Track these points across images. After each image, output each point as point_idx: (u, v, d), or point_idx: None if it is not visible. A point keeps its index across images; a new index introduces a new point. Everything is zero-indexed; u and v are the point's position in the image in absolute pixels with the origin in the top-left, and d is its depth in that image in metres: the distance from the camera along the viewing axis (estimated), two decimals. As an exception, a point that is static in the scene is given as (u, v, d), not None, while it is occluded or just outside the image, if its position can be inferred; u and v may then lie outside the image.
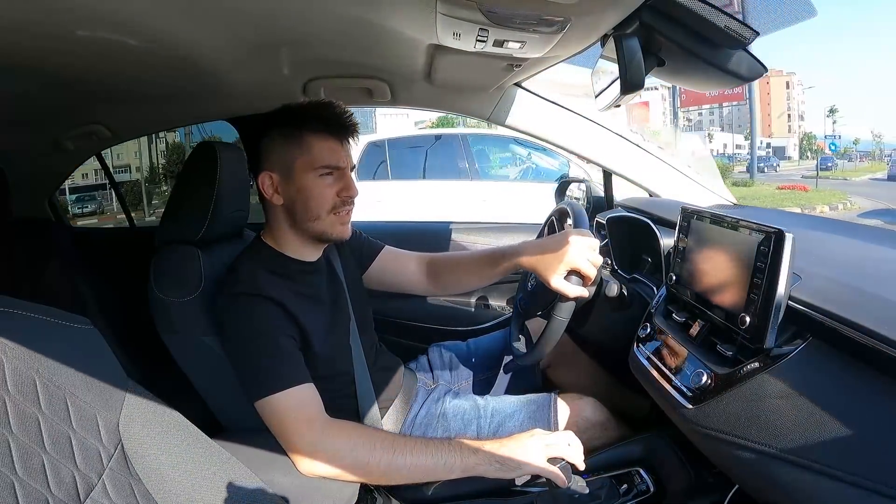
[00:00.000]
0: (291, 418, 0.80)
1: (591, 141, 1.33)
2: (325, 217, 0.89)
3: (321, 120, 0.89)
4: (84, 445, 0.54)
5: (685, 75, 0.95)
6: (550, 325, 0.94)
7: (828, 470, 0.51)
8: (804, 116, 63.17)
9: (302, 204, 0.89)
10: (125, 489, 0.56)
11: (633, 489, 0.89)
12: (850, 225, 1.10)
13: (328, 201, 0.89)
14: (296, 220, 0.91)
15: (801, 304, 0.60)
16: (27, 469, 0.48)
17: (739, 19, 0.76)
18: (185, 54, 0.93)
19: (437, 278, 1.12)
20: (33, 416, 0.51)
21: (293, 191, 0.89)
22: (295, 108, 0.91)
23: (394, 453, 0.80)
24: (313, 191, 0.88)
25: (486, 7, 0.69)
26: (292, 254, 0.94)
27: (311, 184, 0.88)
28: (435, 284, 1.13)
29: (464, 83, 1.21)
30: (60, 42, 0.81)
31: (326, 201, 0.89)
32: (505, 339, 1.25)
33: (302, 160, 0.88)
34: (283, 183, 0.89)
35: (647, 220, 1.08)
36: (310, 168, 0.88)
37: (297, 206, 0.89)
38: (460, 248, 1.65)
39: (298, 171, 0.88)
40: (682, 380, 0.73)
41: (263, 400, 0.80)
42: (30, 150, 1.50)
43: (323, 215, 0.89)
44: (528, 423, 0.97)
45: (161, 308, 0.91)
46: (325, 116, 0.89)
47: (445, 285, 1.13)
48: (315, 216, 0.89)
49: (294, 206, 0.89)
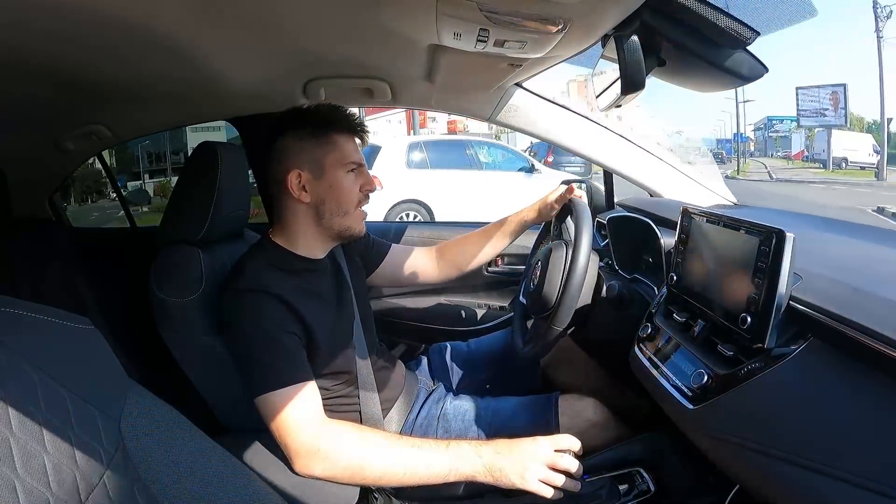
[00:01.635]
0: (287, 416, 0.80)
1: (591, 140, 1.33)
2: (352, 212, 0.94)
3: (344, 121, 0.94)
4: (85, 445, 0.54)
5: (686, 75, 0.95)
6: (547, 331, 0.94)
7: (828, 470, 0.51)
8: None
9: (333, 200, 0.92)
10: (126, 489, 0.56)
11: (633, 489, 0.89)
12: (851, 225, 1.10)
13: (356, 196, 0.94)
14: (323, 216, 0.92)
15: (801, 304, 0.60)
16: (28, 469, 0.48)
17: (740, 19, 0.76)
18: (186, 55, 0.93)
19: (448, 260, 1.19)
20: (34, 416, 0.51)
21: (324, 187, 0.91)
22: (318, 110, 0.94)
23: (391, 457, 0.80)
24: (344, 186, 0.92)
25: (486, 7, 0.68)
26: (302, 251, 0.94)
27: (342, 180, 0.92)
28: (448, 266, 1.19)
29: (464, 83, 1.21)
30: (61, 42, 0.81)
31: (354, 196, 0.93)
32: (506, 340, 1.25)
33: (332, 157, 0.91)
34: (312, 180, 0.91)
35: (647, 219, 1.08)
36: (340, 164, 0.92)
37: (328, 202, 0.92)
38: None
39: (330, 168, 0.91)
40: (683, 380, 0.73)
41: (262, 397, 0.80)
42: (30, 149, 1.50)
43: (351, 210, 0.93)
44: (530, 424, 0.97)
45: (161, 308, 0.91)
46: (348, 119, 0.94)
47: (458, 263, 1.19)
48: (344, 211, 0.93)
49: (324, 203, 0.92)
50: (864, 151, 20.65)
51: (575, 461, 0.83)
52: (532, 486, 0.80)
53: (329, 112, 0.94)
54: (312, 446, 0.79)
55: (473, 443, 0.84)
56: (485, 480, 0.80)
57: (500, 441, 0.84)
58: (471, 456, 0.81)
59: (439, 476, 0.80)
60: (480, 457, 0.81)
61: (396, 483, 0.81)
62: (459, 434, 0.99)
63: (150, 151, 9.23)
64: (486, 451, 0.81)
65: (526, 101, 1.31)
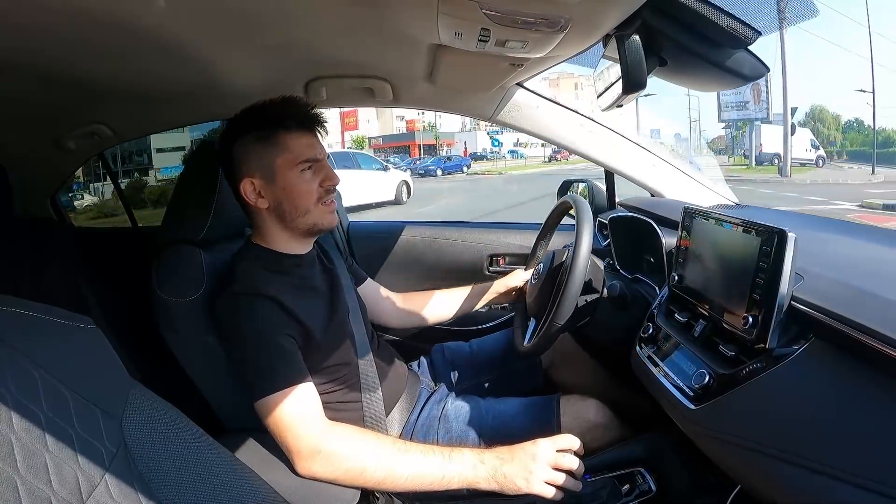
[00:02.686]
0: (288, 418, 0.79)
1: (592, 140, 1.33)
2: (313, 209, 0.91)
3: (292, 117, 0.89)
4: (86, 444, 0.54)
5: (687, 75, 0.95)
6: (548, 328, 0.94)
7: (829, 470, 0.51)
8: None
9: (290, 202, 0.89)
10: (128, 488, 0.56)
11: (635, 489, 0.89)
12: (852, 225, 1.10)
13: (313, 194, 0.90)
14: (285, 218, 0.91)
15: (803, 305, 0.60)
16: (30, 468, 0.48)
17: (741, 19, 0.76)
18: (188, 54, 0.93)
19: (410, 311, 1.22)
20: (35, 416, 0.51)
21: (278, 191, 0.89)
22: (263, 109, 0.90)
23: (393, 462, 0.80)
24: (299, 187, 0.89)
25: (487, 7, 0.68)
26: (284, 249, 0.94)
27: (296, 180, 0.89)
28: (409, 317, 1.23)
29: (466, 83, 1.21)
30: (62, 42, 0.81)
31: (312, 194, 0.90)
32: (508, 341, 1.25)
33: (282, 159, 0.88)
34: (266, 186, 0.89)
35: (649, 219, 1.08)
36: (291, 165, 0.88)
37: (285, 205, 0.89)
38: (460, 248, 1.65)
39: (280, 171, 0.88)
40: (684, 380, 0.73)
41: (261, 400, 0.80)
42: (32, 149, 1.50)
43: (311, 208, 0.90)
44: (531, 426, 0.97)
45: (163, 308, 0.92)
46: (294, 113, 0.90)
47: (418, 318, 1.23)
48: (304, 210, 0.90)
49: (281, 206, 0.90)
50: (801, 147, 19.69)
51: (576, 460, 0.83)
52: (537, 489, 0.80)
53: (275, 108, 0.89)
54: (314, 448, 0.79)
55: (475, 450, 0.84)
56: (489, 487, 0.80)
57: (502, 448, 0.84)
58: (474, 463, 0.81)
59: (442, 484, 0.80)
60: (483, 463, 0.81)
61: (399, 489, 0.81)
62: (461, 435, 0.99)
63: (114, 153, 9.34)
64: (489, 458, 0.82)
65: (527, 101, 1.31)
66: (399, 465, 0.80)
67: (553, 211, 1.21)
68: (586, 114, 1.31)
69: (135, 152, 9.16)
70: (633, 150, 1.33)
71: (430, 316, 1.23)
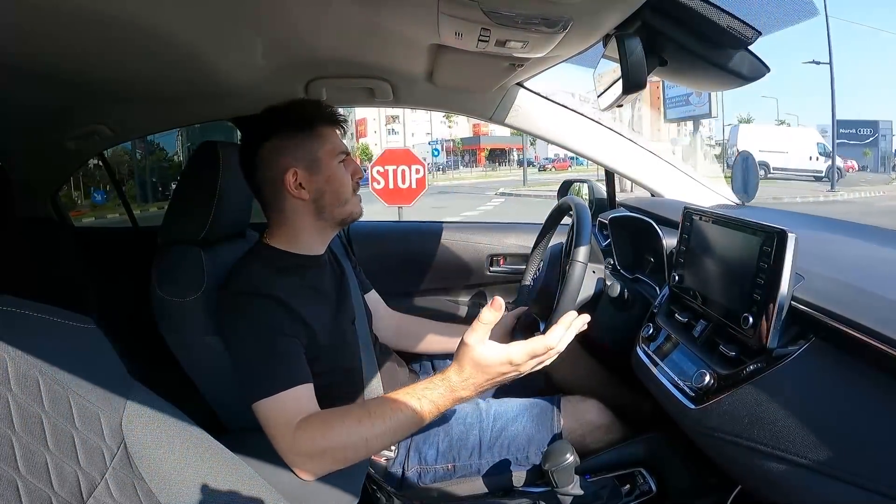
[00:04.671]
0: (283, 423, 0.78)
1: (593, 140, 1.33)
2: (350, 199, 0.94)
3: (329, 114, 0.94)
4: (87, 444, 0.54)
5: (687, 75, 0.95)
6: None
7: (830, 470, 0.51)
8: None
9: (332, 192, 0.92)
10: (128, 488, 0.56)
11: (635, 489, 0.89)
12: (853, 225, 1.10)
13: (350, 184, 0.95)
14: (324, 209, 0.92)
15: (803, 305, 0.60)
16: (30, 468, 0.48)
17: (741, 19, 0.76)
18: (188, 54, 0.93)
19: (403, 333, 1.23)
20: (36, 415, 0.51)
21: (321, 181, 0.91)
22: (301, 105, 0.94)
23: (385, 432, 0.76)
24: (341, 177, 0.93)
25: (487, 7, 0.69)
26: (303, 250, 0.94)
27: (337, 170, 0.92)
28: (400, 338, 1.22)
29: (466, 83, 1.21)
30: (63, 42, 0.81)
31: (349, 184, 0.94)
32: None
33: (325, 150, 0.91)
34: (309, 177, 0.90)
35: (649, 220, 1.08)
36: (333, 155, 0.92)
37: (327, 195, 0.92)
38: (460, 248, 1.65)
39: (325, 161, 0.91)
40: (685, 380, 0.73)
41: (258, 403, 0.79)
42: (32, 149, 1.50)
43: (349, 197, 0.94)
44: (531, 427, 0.97)
45: (163, 308, 0.91)
46: (330, 111, 0.94)
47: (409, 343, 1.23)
48: (344, 200, 0.94)
49: (323, 196, 0.91)
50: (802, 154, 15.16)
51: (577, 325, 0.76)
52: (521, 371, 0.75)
53: (311, 106, 0.94)
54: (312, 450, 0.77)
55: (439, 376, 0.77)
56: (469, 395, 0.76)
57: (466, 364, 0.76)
58: (442, 390, 0.76)
59: (418, 424, 0.76)
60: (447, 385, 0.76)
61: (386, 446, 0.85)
62: (461, 436, 0.99)
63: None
64: (452, 374, 0.76)
65: (527, 101, 1.31)
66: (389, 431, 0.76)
67: (552, 212, 1.21)
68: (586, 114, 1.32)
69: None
70: (633, 150, 1.33)
71: (421, 347, 1.24)
